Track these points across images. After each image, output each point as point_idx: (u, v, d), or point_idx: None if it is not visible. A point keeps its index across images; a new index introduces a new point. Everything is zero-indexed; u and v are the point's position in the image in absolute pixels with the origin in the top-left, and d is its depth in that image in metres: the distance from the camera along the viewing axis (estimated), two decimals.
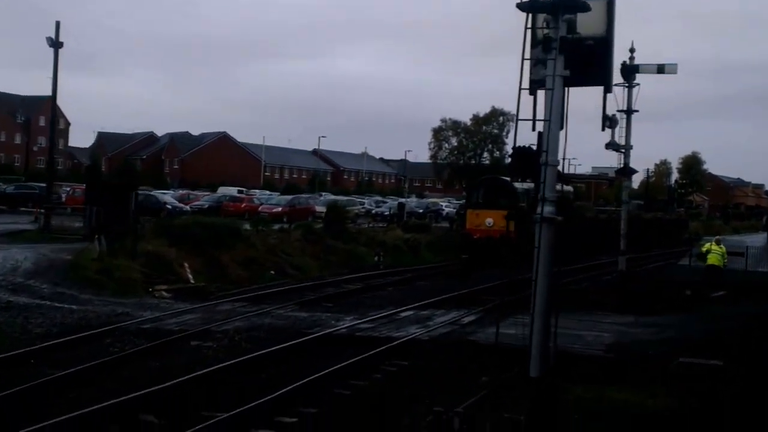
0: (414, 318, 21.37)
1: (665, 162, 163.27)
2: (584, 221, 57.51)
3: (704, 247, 30.62)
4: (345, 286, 29.80)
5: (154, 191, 73.29)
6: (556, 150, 8.66)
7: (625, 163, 28.03)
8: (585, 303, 28.01)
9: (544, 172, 8.69)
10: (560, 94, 8.41)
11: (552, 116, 8.55)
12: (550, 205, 8.60)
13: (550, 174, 8.57)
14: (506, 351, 17.37)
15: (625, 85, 27.08)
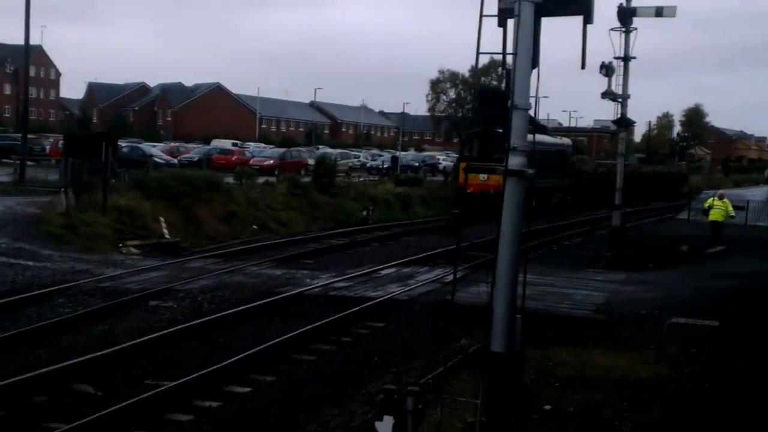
0: (395, 276, 20.36)
1: (667, 115, 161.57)
2: (582, 175, 56.28)
3: (706, 202, 29.46)
4: (328, 241, 28.76)
5: (142, 143, 72.17)
6: (527, 91, 7.48)
7: (622, 114, 26.77)
8: (577, 259, 27.06)
9: (511, 117, 7.51)
10: (529, 22, 7.19)
11: (519, 49, 7.33)
12: (520, 155, 7.47)
13: (518, 119, 7.42)
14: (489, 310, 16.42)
15: (622, 30, 25.73)
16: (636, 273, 22.94)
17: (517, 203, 7.64)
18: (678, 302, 17.99)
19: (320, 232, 31.41)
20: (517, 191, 7.62)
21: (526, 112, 7.54)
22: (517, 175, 7.55)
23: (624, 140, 28.03)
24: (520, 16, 7.15)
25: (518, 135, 7.59)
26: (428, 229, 35.18)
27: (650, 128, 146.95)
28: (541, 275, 21.46)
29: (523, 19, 7.14)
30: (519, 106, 7.49)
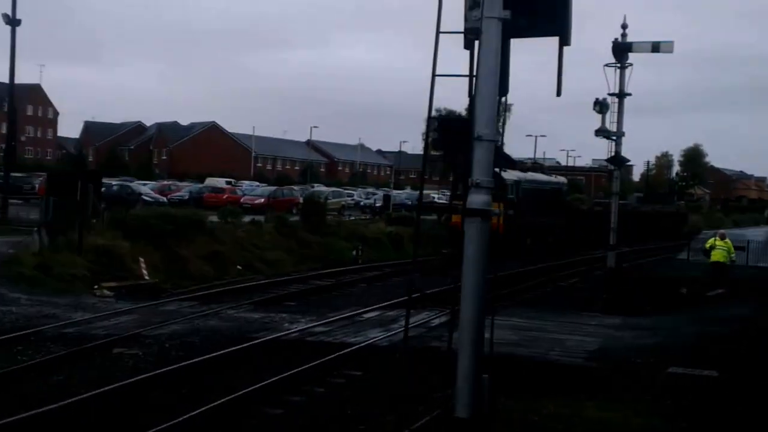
0: (378, 320, 19.48)
1: (666, 154, 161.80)
2: (578, 214, 55.44)
3: (707, 243, 28.47)
4: (314, 282, 27.91)
5: (135, 182, 71.49)
6: (492, 120, 6.65)
7: (617, 152, 26.08)
8: (571, 301, 26.16)
9: (472, 149, 6.68)
10: (496, 41, 6.36)
11: (482, 71, 6.51)
12: (483, 193, 6.61)
13: (482, 152, 6.58)
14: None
15: (617, 66, 25.12)
16: (632, 317, 22.06)
17: (479, 248, 6.79)
18: (676, 349, 17.12)
19: (307, 273, 30.55)
20: (479, 233, 6.77)
21: (491, 143, 6.70)
22: (480, 216, 6.67)
23: (618, 179, 27.26)
24: (483, 35, 6.34)
25: (482, 169, 6.75)
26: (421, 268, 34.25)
27: (648, 168, 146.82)
28: (531, 319, 20.62)
29: (488, 38, 6.33)
30: (483, 137, 6.65)
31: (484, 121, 6.58)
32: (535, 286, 30.11)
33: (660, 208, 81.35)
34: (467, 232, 6.68)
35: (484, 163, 6.67)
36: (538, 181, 47.81)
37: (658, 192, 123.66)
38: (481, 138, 6.57)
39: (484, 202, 6.63)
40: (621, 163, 26.57)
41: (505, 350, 16.08)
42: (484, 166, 6.68)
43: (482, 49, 6.40)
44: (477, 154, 6.63)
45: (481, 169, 6.69)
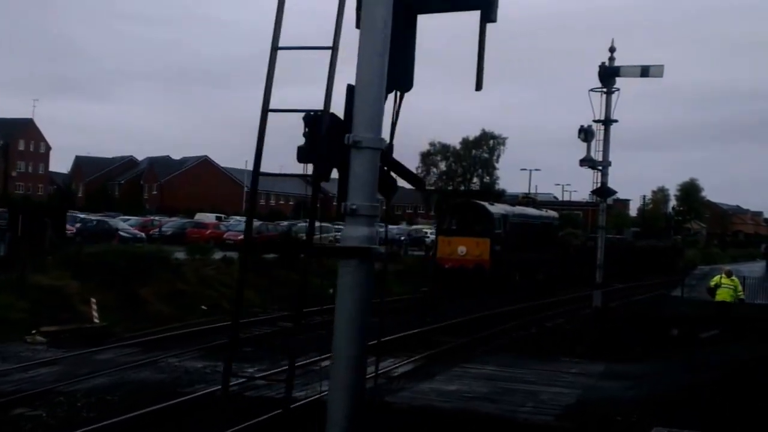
0: None
1: (663, 189, 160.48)
2: (570, 249, 53.47)
3: (713, 280, 26.17)
4: (282, 324, 25.96)
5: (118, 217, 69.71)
6: (378, 119, 4.66)
7: (603, 183, 24.31)
8: (554, 345, 24.20)
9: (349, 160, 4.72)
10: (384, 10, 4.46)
11: (364, 51, 4.56)
12: (363, 223, 4.68)
13: (361, 163, 4.64)
14: (432, 416, 13.61)
15: (603, 91, 23.45)
16: (618, 363, 20.13)
17: (359, 298, 4.83)
18: (663, 402, 15.20)
19: (277, 313, 28.61)
20: (357, 280, 4.81)
21: (375, 152, 4.71)
22: (358, 256, 4.75)
23: (604, 212, 25.43)
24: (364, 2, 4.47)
25: (361, 189, 4.77)
26: (399, 308, 32.33)
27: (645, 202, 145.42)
28: (508, 366, 18.71)
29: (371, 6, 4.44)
30: (363, 142, 4.64)
31: (365, 121, 4.56)
32: (518, 327, 28.17)
33: (655, 243, 79.46)
34: (342, 279, 4.75)
35: (363, 179, 4.69)
36: (527, 215, 46.01)
37: (654, 226, 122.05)
38: (359, 145, 4.60)
39: (364, 237, 4.67)
40: (607, 194, 24.80)
41: (471, 406, 14.20)
42: (365, 185, 4.72)
43: (365, 23, 4.47)
44: (354, 166, 4.65)
45: (361, 189, 4.72)
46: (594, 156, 23.91)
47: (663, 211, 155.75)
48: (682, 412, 13.92)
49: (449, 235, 40.70)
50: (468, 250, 39.88)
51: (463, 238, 40.12)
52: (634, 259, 62.77)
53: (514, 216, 43.08)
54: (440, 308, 34.03)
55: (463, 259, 39.81)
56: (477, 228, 40.34)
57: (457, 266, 39.71)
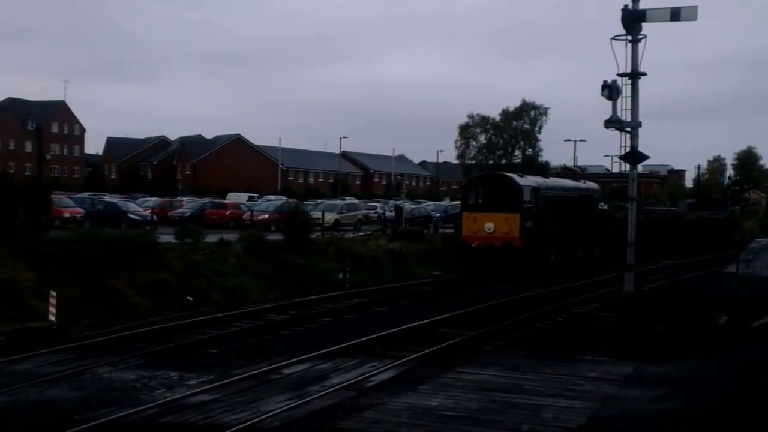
0: (297, 378, 14.62)
1: (719, 158, 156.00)
2: (613, 223, 49.72)
3: None
4: (269, 317, 23.13)
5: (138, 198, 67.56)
6: None
7: (632, 147, 20.97)
8: (577, 339, 21.01)
9: None
10: None
11: None
12: None
13: None
14: None
15: (628, 39, 20.08)
16: (649, 364, 16.93)
17: None
18: (698, 420, 12.06)
19: (270, 303, 25.83)
20: None
21: None
22: None
23: (635, 180, 22.06)
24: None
25: None
26: (413, 294, 29.36)
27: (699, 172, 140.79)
28: (513, 370, 15.64)
29: None
30: None
31: None
32: (542, 315, 24.97)
33: (708, 214, 75.17)
34: None
35: None
36: (563, 188, 42.46)
37: (711, 197, 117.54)
38: None
39: None
40: (638, 159, 21.44)
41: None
42: None
43: None
44: None
45: None
46: (621, 116, 20.59)
47: (720, 181, 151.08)
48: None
49: (475, 211, 37.41)
50: (496, 226, 36.59)
51: (490, 214, 36.82)
52: (686, 233, 58.91)
53: (547, 189, 39.61)
54: (461, 293, 31.04)
55: (491, 236, 36.57)
56: (505, 203, 37.01)
57: (484, 245, 36.50)
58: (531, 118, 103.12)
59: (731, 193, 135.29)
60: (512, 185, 37.28)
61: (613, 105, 20.79)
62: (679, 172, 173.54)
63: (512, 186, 37.24)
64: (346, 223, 58.03)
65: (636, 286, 33.94)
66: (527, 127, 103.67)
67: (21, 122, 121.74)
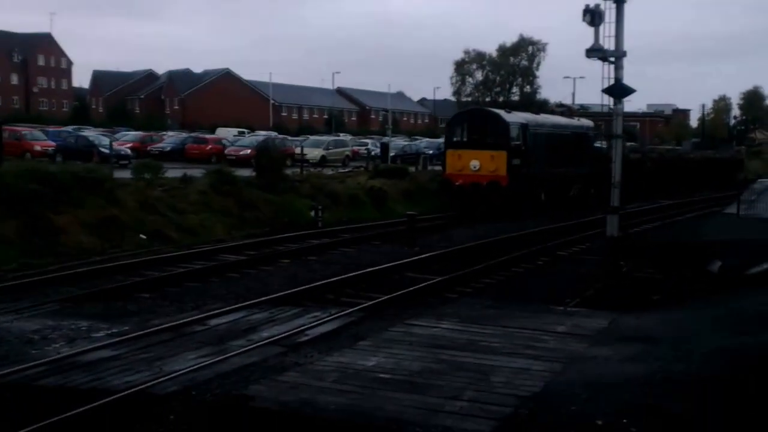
0: (223, 331, 12.96)
1: (724, 98, 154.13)
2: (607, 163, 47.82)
3: None
4: (224, 257, 21.52)
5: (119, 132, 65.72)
6: None
7: (616, 79, 19.08)
8: (557, 284, 19.37)
9: None
10: None
11: None
12: None
13: None
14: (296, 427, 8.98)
15: None
16: (628, 313, 15.27)
17: None
18: (674, 387, 10.36)
19: (228, 243, 24.20)
20: None
21: None
22: None
23: (621, 116, 20.21)
24: None
25: None
26: (388, 234, 27.67)
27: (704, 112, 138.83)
28: (470, 322, 13.96)
29: None
30: None
31: None
32: (522, 257, 23.31)
33: (711, 154, 73.22)
34: None
35: None
36: (554, 125, 40.58)
37: (716, 137, 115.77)
38: None
39: None
40: (622, 92, 19.55)
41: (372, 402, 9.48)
42: None
43: None
44: None
45: None
46: (604, 44, 18.68)
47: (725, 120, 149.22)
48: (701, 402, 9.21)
49: (459, 148, 35.70)
50: (481, 164, 34.88)
51: (476, 151, 35.09)
52: (687, 172, 57.13)
53: (537, 125, 37.74)
54: (441, 233, 29.38)
55: (476, 175, 34.86)
56: (491, 140, 35.25)
57: (469, 183, 34.82)
58: (529, 55, 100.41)
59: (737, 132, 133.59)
60: (499, 121, 35.44)
61: (595, 32, 18.88)
62: (684, 111, 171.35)
63: (499, 122, 35.40)
64: (333, 159, 56.33)
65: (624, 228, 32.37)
66: (525, 63, 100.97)
67: (7, 55, 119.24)
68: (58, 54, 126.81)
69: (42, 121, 78.82)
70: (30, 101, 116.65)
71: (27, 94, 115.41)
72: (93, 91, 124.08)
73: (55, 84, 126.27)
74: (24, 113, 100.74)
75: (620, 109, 19.73)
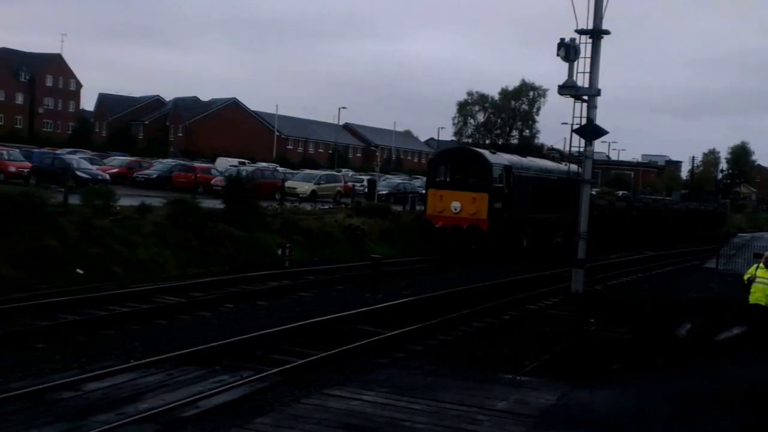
0: (96, 399, 10.67)
1: (713, 152, 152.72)
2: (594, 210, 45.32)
3: (748, 272, 15.90)
4: (162, 299, 19.21)
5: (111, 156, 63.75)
6: None
7: (588, 119, 16.90)
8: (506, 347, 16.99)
9: None
10: None
11: None
12: None
13: None
14: None
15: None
16: (581, 388, 12.94)
17: None
18: None
19: (187, 280, 22.01)
20: None
21: None
22: None
23: (590, 158, 18.03)
24: None
25: None
26: (356, 277, 25.39)
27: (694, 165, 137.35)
28: (400, 393, 11.72)
29: None
30: None
31: None
32: (490, 310, 21.00)
33: (695, 206, 70.87)
34: None
35: None
36: (540, 169, 38.34)
37: (703, 190, 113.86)
38: None
39: None
40: (594, 133, 17.37)
41: None
42: None
43: None
44: None
45: None
46: (578, 81, 16.51)
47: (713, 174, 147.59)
48: None
49: (441, 188, 33.43)
50: (462, 206, 32.62)
51: (457, 192, 32.83)
52: (669, 224, 54.75)
53: (521, 168, 35.50)
54: (413, 278, 27.06)
55: (457, 217, 32.61)
56: (473, 181, 33.00)
57: (450, 226, 32.55)
58: (530, 99, 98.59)
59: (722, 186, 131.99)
60: (482, 162, 33.22)
61: (569, 68, 16.79)
62: (676, 163, 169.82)
63: (482, 163, 33.19)
64: (324, 194, 53.94)
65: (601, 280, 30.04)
66: (525, 107, 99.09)
67: (13, 73, 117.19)
68: (67, 75, 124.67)
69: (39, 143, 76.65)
70: (34, 121, 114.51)
71: (31, 113, 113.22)
72: (98, 114, 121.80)
73: (63, 105, 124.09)
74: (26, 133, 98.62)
75: (590, 152, 17.62)
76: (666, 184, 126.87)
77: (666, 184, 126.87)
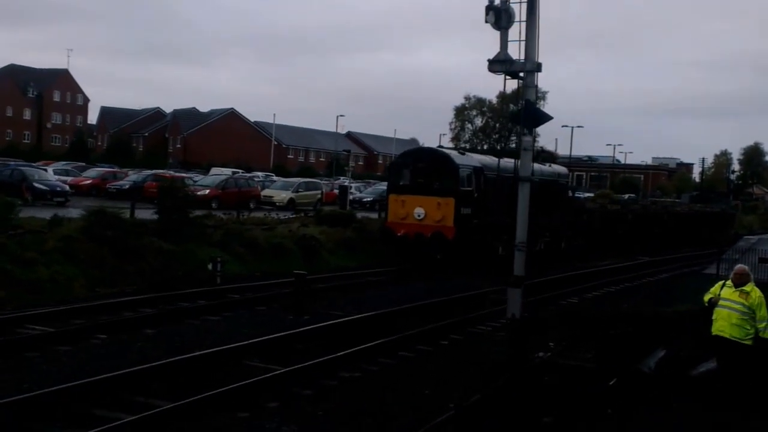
0: None
1: (725, 153, 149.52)
2: (584, 214, 41.72)
3: (710, 291, 12.12)
4: (26, 329, 15.68)
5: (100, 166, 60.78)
6: None
7: (527, 101, 13.32)
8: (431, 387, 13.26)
9: None
10: None
11: None
12: None
13: None
14: None
15: None
16: None
17: None
18: None
19: (86, 302, 18.52)
20: None
21: None
22: None
23: (531, 150, 14.39)
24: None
25: None
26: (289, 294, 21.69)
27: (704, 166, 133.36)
28: None
29: None
30: None
31: None
32: (427, 334, 17.33)
33: (699, 207, 66.82)
34: None
35: None
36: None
37: (713, 191, 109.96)
38: None
39: None
40: (535, 120, 13.75)
41: None
42: None
43: None
44: None
45: None
46: (513, 54, 12.90)
47: (725, 175, 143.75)
48: None
49: (403, 193, 29.71)
50: (426, 212, 28.94)
51: (421, 197, 29.14)
52: (673, 226, 50.81)
53: (494, 169, 31.73)
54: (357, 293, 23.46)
55: (420, 224, 28.93)
56: (438, 184, 29.31)
57: (413, 234, 28.88)
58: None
59: (734, 187, 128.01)
60: (448, 164, 29.50)
61: (502, 37, 13.16)
62: (687, 165, 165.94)
63: (448, 165, 29.47)
64: (303, 202, 50.48)
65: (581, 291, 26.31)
66: None
67: (21, 89, 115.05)
68: (75, 90, 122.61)
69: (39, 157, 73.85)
70: (42, 136, 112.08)
71: (39, 128, 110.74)
72: (100, 127, 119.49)
73: (70, 120, 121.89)
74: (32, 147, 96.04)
75: (528, 142, 13.91)
76: (677, 186, 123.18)
77: (677, 186, 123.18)
